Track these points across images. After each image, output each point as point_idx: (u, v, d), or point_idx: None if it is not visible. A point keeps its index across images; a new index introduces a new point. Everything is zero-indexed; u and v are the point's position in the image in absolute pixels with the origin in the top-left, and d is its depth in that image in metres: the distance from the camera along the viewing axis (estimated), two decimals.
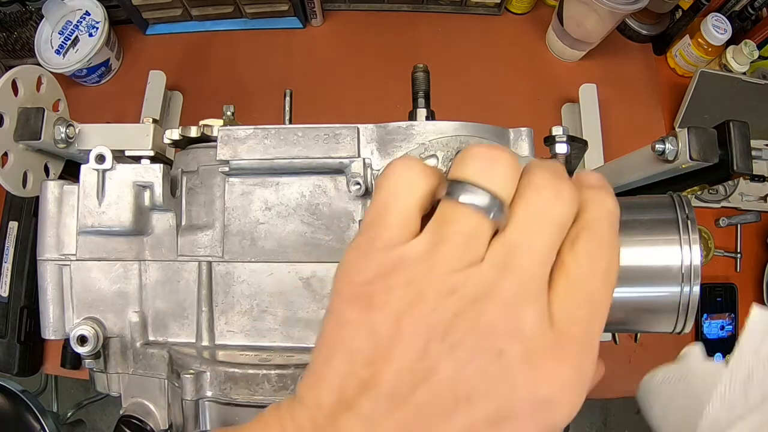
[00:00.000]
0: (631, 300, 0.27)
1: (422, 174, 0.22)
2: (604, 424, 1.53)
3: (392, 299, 0.21)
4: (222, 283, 0.40)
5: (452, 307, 0.20)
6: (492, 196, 0.21)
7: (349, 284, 0.22)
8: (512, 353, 0.20)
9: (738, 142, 0.46)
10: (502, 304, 0.20)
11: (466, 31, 0.86)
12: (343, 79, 0.83)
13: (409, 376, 0.20)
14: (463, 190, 0.21)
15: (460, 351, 0.20)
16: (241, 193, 0.40)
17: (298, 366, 0.37)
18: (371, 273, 0.21)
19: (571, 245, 0.22)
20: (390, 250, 0.21)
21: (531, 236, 0.21)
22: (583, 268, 0.21)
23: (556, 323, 0.21)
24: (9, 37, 0.78)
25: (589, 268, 0.21)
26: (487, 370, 0.20)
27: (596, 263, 0.22)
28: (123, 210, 0.39)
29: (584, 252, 0.21)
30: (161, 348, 0.40)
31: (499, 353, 0.20)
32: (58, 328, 0.41)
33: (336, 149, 0.38)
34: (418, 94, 0.46)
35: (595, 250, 0.22)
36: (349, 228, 0.40)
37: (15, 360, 0.68)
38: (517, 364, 0.20)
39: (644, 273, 0.26)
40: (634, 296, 0.27)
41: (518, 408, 0.20)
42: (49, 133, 0.46)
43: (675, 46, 0.84)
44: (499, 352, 0.20)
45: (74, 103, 0.58)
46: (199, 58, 0.85)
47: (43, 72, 0.51)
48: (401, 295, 0.21)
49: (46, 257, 0.41)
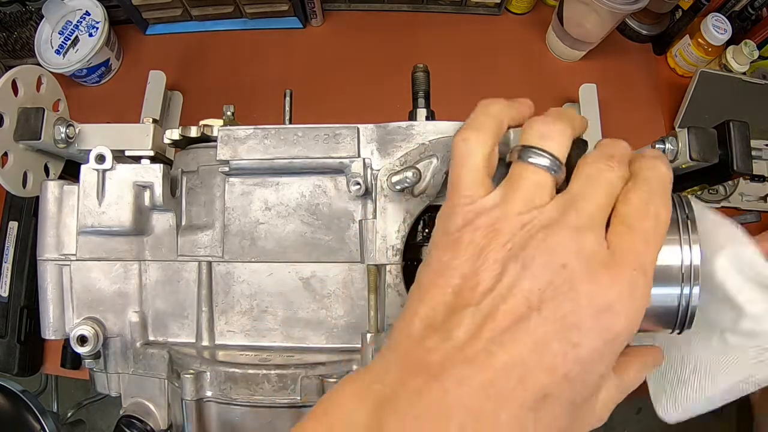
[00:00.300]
0: None
1: (477, 141, 0.28)
2: (604, 424, 1.53)
3: (476, 238, 0.25)
4: (222, 283, 0.40)
5: (524, 236, 0.24)
6: (552, 157, 0.26)
7: (443, 235, 0.27)
8: (575, 267, 0.23)
9: (738, 142, 0.46)
10: (566, 229, 0.24)
11: (466, 31, 0.86)
12: (343, 79, 0.83)
13: (490, 294, 0.24)
14: (529, 153, 0.27)
15: (531, 267, 0.24)
16: (241, 193, 0.40)
17: (298, 366, 0.37)
18: (459, 223, 0.26)
19: (624, 195, 0.26)
20: (471, 204, 0.27)
21: (588, 189, 0.26)
22: (635, 211, 0.25)
23: (612, 249, 0.24)
24: (9, 37, 0.78)
25: (640, 210, 0.25)
26: (554, 281, 0.23)
27: (647, 207, 0.25)
28: (123, 210, 0.39)
29: (636, 198, 0.26)
30: (161, 348, 0.40)
31: (564, 266, 0.23)
32: (58, 328, 0.41)
33: (336, 149, 0.38)
34: (418, 94, 0.46)
35: (646, 197, 0.26)
36: (349, 228, 0.40)
37: (15, 360, 0.68)
38: (579, 276, 0.23)
39: None
40: None
41: (582, 316, 0.23)
42: (49, 133, 0.46)
43: (675, 46, 0.84)
44: (563, 265, 0.23)
45: (74, 103, 0.58)
46: (199, 58, 0.85)
47: (43, 72, 0.51)
48: (484, 234, 0.25)
49: (46, 257, 0.41)
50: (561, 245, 0.24)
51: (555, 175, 0.27)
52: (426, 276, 0.27)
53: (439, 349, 0.24)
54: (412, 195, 0.37)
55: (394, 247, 0.37)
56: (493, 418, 0.23)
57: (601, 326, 0.23)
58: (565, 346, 0.23)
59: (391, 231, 0.37)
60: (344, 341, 0.40)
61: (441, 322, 0.25)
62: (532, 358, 0.23)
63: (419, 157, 0.38)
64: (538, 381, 0.23)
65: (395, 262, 0.37)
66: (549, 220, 0.25)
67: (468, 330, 0.24)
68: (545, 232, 0.24)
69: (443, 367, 0.23)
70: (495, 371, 0.23)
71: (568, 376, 0.23)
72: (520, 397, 0.23)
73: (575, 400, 0.24)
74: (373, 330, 0.37)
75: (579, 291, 0.23)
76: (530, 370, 0.23)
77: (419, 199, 0.37)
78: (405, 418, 0.23)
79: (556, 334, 0.23)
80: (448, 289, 0.25)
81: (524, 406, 0.23)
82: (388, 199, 0.38)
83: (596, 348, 0.23)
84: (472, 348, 0.23)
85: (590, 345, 0.23)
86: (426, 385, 0.23)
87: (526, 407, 0.23)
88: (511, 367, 0.23)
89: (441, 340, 0.24)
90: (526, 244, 0.24)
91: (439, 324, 0.25)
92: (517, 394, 0.23)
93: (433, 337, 0.25)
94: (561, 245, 0.24)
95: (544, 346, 0.23)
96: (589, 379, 0.24)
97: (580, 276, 0.23)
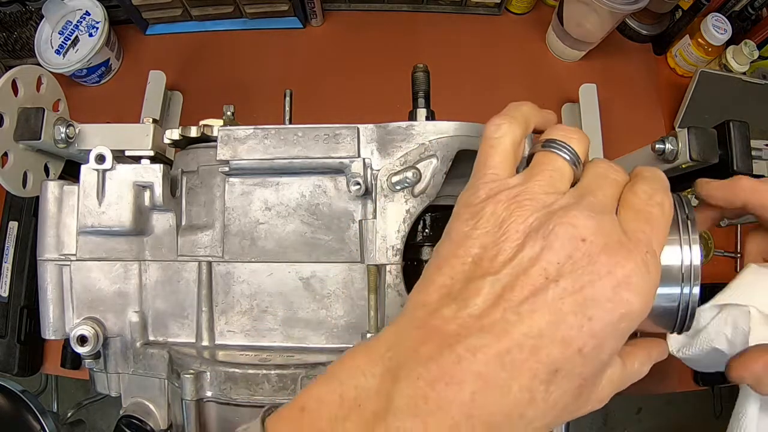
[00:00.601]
0: None
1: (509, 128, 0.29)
2: (604, 424, 1.53)
3: (498, 210, 0.26)
4: (222, 283, 0.40)
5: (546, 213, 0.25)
6: (573, 151, 0.28)
7: (465, 207, 0.28)
8: (594, 242, 0.24)
9: (738, 142, 0.46)
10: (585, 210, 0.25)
11: (466, 31, 0.86)
12: (343, 79, 0.83)
13: (509, 264, 0.25)
14: (554, 144, 0.29)
15: (551, 240, 0.24)
16: (241, 193, 0.40)
17: (298, 366, 0.37)
18: (482, 196, 0.27)
19: (630, 188, 0.28)
20: (495, 181, 0.28)
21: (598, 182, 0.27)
22: (641, 199, 0.27)
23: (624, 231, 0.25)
24: (9, 37, 0.78)
25: (646, 199, 0.27)
26: (573, 255, 0.24)
27: (652, 197, 0.27)
28: (123, 210, 0.39)
29: (641, 189, 0.27)
30: (161, 348, 0.40)
31: (583, 240, 0.24)
32: (59, 328, 0.41)
33: (336, 149, 0.38)
34: (418, 94, 0.46)
35: (650, 189, 0.27)
36: (349, 228, 0.40)
37: (15, 360, 0.68)
38: (598, 251, 0.24)
39: None
40: None
41: (600, 288, 0.23)
42: (49, 133, 0.46)
43: (675, 46, 0.84)
44: (583, 240, 0.24)
45: (74, 103, 0.58)
46: (199, 58, 0.85)
47: (43, 72, 0.51)
48: (506, 206, 0.26)
49: (46, 257, 0.41)
50: (581, 223, 0.24)
51: (574, 169, 0.28)
52: (445, 246, 0.27)
53: (455, 318, 0.24)
54: (412, 195, 0.37)
55: (394, 247, 0.37)
56: (505, 388, 0.23)
57: (618, 299, 0.23)
58: (581, 320, 0.23)
59: (391, 231, 0.37)
60: (344, 341, 0.40)
61: (458, 290, 0.25)
62: (549, 330, 0.23)
63: (419, 157, 0.38)
64: (551, 353, 0.23)
65: (395, 262, 0.37)
66: (568, 203, 0.26)
67: (486, 299, 0.24)
68: (566, 210, 0.25)
69: (459, 335, 0.24)
70: (511, 341, 0.23)
71: (582, 351, 0.23)
72: (533, 369, 0.23)
73: (585, 376, 0.25)
74: (373, 330, 0.37)
75: (598, 263, 0.24)
76: (545, 342, 0.23)
77: (419, 199, 0.37)
78: (416, 383, 0.23)
79: (573, 306, 0.23)
80: (467, 258, 0.26)
81: (537, 378, 0.23)
82: (388, 199, 0.38)
83: (610, 322, 0.24)
84: (489, 317, 0.24)
85: (605, 318, 0.23)
86: (439, 352, 0.24)
87: (538, 379, 0.23)
88: (527, 338, 0.23)
89: (458, 309, 0.24)
90: (547, 219, 0.25)
91: (456, 293, 0.25)
92: (530, 365, 0.23)
93: (450, 305, 0.25)
94: (581, 223, 0.24)
95: (560, 319, 0.23)
96: (600, 356, 0.24)
97: (598, 250, 0.24)
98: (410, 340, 0.25)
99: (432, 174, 0.37)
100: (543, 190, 0.26)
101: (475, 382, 0.23)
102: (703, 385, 0.72)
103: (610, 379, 0.27)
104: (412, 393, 0.23)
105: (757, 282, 0.31)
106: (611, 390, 0.28)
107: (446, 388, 0.23)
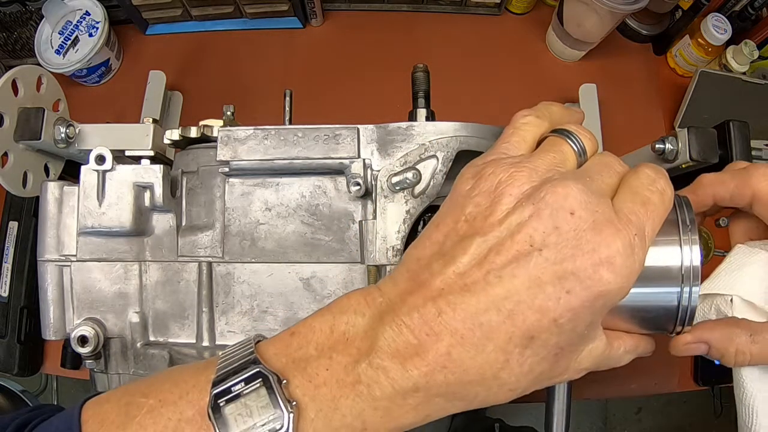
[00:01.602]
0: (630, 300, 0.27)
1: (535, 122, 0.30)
2: (604, 424, 1.53)
3: (498, 171, 0.27)
4: (222, 284, 0.40)
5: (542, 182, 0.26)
6: (581, 143, 0.29)
7: (471, 166, 0.29)
8: (582, 217, 0.24)
9: (738, 142, 0.46)
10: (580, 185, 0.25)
11: (466, 31, 0.86)
12: (343, 79, 0.83)
13: (498, 226, 0.25)
14: (564, 132, 0.29)
15: (541, 208, 0.25)
16: (242, 193, 0.40)
17: None
18: (489, 160, 0.28)
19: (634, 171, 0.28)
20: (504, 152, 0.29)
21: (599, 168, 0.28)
22: (642, 183, 0.27)
23: (617, 209, 0.26)
24: (9, 37, 0.78)
25: (647, 182, 0.27)
26: (560, 226, 0.24)
27: (654, 182, 0.27)
28: (123, 211, 0.39)
29: (644, 173, 0.28)
30: (162, 348, 0.40)
31: (572, 213, 0.24)
32: (59, 328, 0.41)
33: (336, 150, 0.38)
34: (418, 94, 0.46)
35: (654, 174, 0.28)
36: (349, 228, 0.40)
37: (15, 360, 0.68)
38: (586, 227, 0.24)
39: (644, 273, 0.26)
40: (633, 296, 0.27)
41: (581, 264, 0.24)
42: (49, 133, 0.46)
43: (675, 46, 0.84)
44: (572, 213, 0.24)
45: (74, 103, 0.58)
46: (199, 58, 0.85)
47: (43, 72, 0.51)
48: (505, 170, 0.27)
49: (47, 258, 0.41)
50: (573, 196, 0.25)
51: (579, 159, 0.29)
52: (446, 204, 0.29)
53: (441, 273, 0.25)
54: (412, 195, 0.38)
55: (394, 248, 0.37)
56: (480, 347, 0.24)
57: (597, 277, 0.24)
58: (559, 291, 0.24)
59: (391, 231, 0.37)
60: None
61: (449, 247, 0.26)
62: (526, 296, 0.24)
63: (419, 158, 0.38)
64: (528, 320, 0.24)
65: (395, 262, 0.37)
66: (565, 177, 0.26)
67: (471, 258, 0.25)
68: (560, 182, 0.25)
69: (441, 291, 0.25)
70: (488, 302, 0.24)
71: (557, 322, 0.24)
72: (509, 332, 0.24)
73: (561, 346, 0.25)
74: None
75: (582, 239, 0.24)
76: (522, 307, 0.24)
77: (419, 200, 0.37)
78: (400, 329, 0.25)
79: (552, 276, 0.24)
80: (461, 216, 0.27)
81: (511, 342, 0.24)
82: (388, 199, 0.38)
83: (587, 298, 0.24)
84: (471, 276, 0.25)
85: (583, 294, 0.24)
86: (423, 303, 0.25)
87: (512, 343, 0.24)
88: (503, 300, 0.24)
89: (445, 264, 0.26)
90: (541, 187, 0.25)
91: (446, 249, 0.26)
92: (506, 328, 0.24)
93: (439, 261, 0.26)
94: (573, 196, 0.25)
95: (539, 287, 0.24)
96: (576, 329, 0.25)
97: (585, 226, 0.24)
98: (400, 289, 0.27)
99: (432, 174, 0.37)
100: (545, 164, 0.27)
101: (453, 337, 0.24)
102: (703, 385, 0.72)
103: (591, 353, 0.28)
104: (395, 337, 0.25)
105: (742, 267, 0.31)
106: (590, 364, 0.28)
107: (426, 338, 0.25)
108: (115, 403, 0.27)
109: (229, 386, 0.25)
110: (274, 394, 0.25)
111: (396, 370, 0.25)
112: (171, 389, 0.27)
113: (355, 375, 0.25)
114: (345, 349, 0.26)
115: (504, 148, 0.29)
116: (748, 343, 0.29)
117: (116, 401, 0.27)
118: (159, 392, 0.27)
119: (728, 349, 0.30)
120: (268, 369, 0.26)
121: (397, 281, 0.27)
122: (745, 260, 0.31)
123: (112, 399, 0.28)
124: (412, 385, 0.25)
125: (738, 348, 0.29)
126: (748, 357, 0.29)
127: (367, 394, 0.25)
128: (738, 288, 0.31)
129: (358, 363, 0.25)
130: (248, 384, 0.25)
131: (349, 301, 0.28)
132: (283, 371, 0.26)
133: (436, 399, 0.26)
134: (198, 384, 0.27)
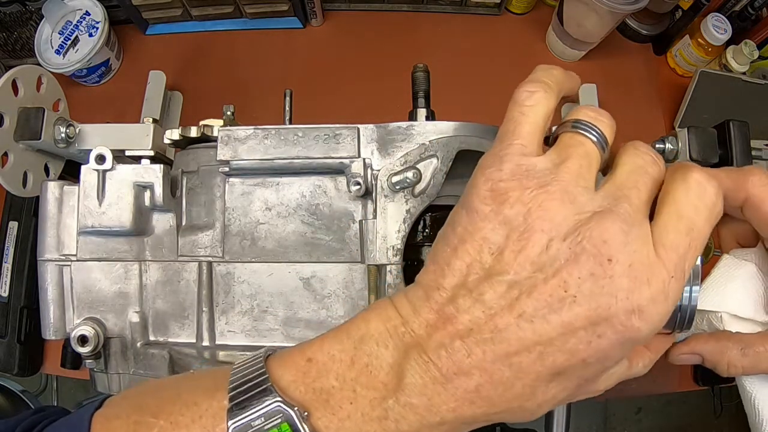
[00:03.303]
0: None
1: (543, 96, 0.27)
2: (604, 424, 1.53)
3: (525, 197, 0.24)
4: (222, 284, 0.40)
5: (575, 216, 0.24)
6: (601, 134, 0.27)
7: (487, 181, 0.26)
8: (620, 261, 0.23)
9: (738, 142, 0.46)
10: (618, 222, 0.24)
11: (466, 31, 0.86)
12: (343, 79, 0.83)
13: (530, 267, 0.24)
14: (581, 125, 0.27)
15: (578, 253, 0.23)
16: (242, 193, 0.40)
17: None
18: (507, 172, 0.25)
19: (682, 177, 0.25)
20: (523, 156, 0.26)
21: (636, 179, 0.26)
22: (690, 197, 0.25)
23: (657, 247, 0.24)
24: (9, 37, 0.78)
25: (695, 197, 0.25)
26: (596, 273, 0.23)
27: (702, 197, 0.25)
28: (123, 210, 0.39)
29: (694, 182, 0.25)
30: (162, 348, 0.40)
31: (609, 260, 0.23)
32: (59, 328, 0.41)
33: (336, 149, 0.38)
34: (418, 94, 0.46)
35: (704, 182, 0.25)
36: (349, 228, 0.40)
37: (15, 360, 0.68)
38: (622, 273, 0.23)
39: None
40: None
41: (614, 311, 0.23)
42: (49, 133, 0.46)
43: (675, 46, 0.84)
44: (609, 259, 0.23)
45: (74, 103, 0.58)
46: (199, 58, 0.85)
47: (43, 72, 0.51)
48: (534, 195, 0.24)
49: (47, 257, 0.41)
50: (611, 239, 0.23)
51: (601, 153, 0.27)
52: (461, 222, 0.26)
53: (469, 311, 0.24)
54: (413, 195, 0.38)
55: (394, 248, 0.37)
56: (509, 385, 0.24)
57: (629, 324, 0.23)
58: (591, 335, 0.23)
59: (391, 231, 0.37)
60: None
61: (475, 283, 0.25)
62: (558, 341, 0.24)
63: (419, 157, 0.38)
64: (557, 360, 0.24)
65: (395, 262, 0.37)
66: (601, 208, 0.24)
67: (502, 300, 0.24)
68: (598, 222, 0.24)
69: (470, 331, 0.24)
70: (520, 346, 0.24)
71: (586, 361, 0.24)
72: (538, 372, 0.24)
73: (586, 378, 0.25)
74: None
75: (617, 286, 0.23)
76: (553, 350, 0.24)
77: (419, 199, 0.37)
78: (426, 366, 0.25)
79: (585, 322, 0.23)
80: (485, 247, 0.25)
81: (539, 379, 0.24)
82: (388, 199, 0.38)
83: (618, 341, 0.24)
84: (503, 319, 0.24)
85: (614, 338, 0.24)
86: (450, 342, 0.24)
87: (540, 380, 0.24)
88: (536, 345, 0.24)
89: (473, 303, 0.24)
90: (577, 227, 0.24)
91: (473, 284, 0.25)
92: (536, 368, 0.24)
93: (465, 297, 0.25)
94: (611, 239, 0.23)
95: (571, 332, 0.24)
96: (603, 365, 0.25)
97: (621, 274, 0.23)
98: (425, 321, 0.25)
99: (432, 174, 0.37)
100: (573, 179, 0.25)
101: (481, 376, 0.24)
102: (703, 385, 0.72)
103: (612, 376, 0.28)
104: (422, 374, 0.25)
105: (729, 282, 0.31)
106: (609, 384, 0.28)
107: (454, 377, 0.24)
108: (125, 421, 0.26)
109: (248, 421, 0.25)
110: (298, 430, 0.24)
111: (424, 406, 0.25)
112: (182, 411, 0.26)
113: (382, 410, 0.25)
114: (369, 383, 0.25)
115: (518, 146, 0.26)
116: (739, 356, 0.30)
117: (125, 418, 0.27)
118: (170, 414, 0.26)
119: (720, 362, 0.30)
120: (288, 402, 0.25)
121: (418, 309, 0.26)
122: (732, 273, 0.32)
123: (122, 416, 0.27)
124: (439, 419, 0.25)
125: (729, 361, 0.30)
126: (740, 369, 0.30)
127: (394, 429, 0.25)
128: (727, 304, 0.31)
129: (385, 399, 0.25)
130: (268, 420, 0.25)
131: (368, 328, 0.26)
132: (303, 403, 0.25)
133: (461, 426, 0.26)
134: (211, 408, 0.26)
